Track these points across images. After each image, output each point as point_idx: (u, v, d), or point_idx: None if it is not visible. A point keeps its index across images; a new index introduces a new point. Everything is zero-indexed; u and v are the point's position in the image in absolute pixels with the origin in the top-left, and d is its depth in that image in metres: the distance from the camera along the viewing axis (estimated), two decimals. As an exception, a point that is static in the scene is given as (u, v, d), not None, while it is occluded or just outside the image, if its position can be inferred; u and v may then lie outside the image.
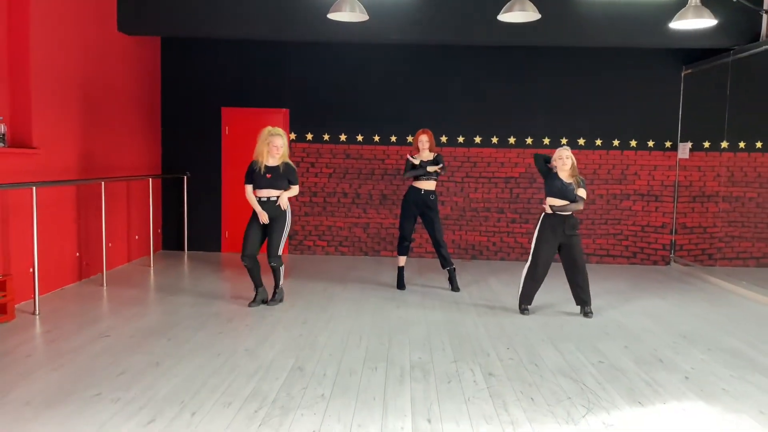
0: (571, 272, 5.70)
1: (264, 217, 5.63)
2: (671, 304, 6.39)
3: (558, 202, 5.58)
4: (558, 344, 4.85)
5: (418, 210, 6.59)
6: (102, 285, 6.55)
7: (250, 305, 5.78)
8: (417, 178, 6.57)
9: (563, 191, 5.58)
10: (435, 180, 6.60)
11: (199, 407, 3.47)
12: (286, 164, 5.70)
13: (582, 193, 5.63)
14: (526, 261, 5.80)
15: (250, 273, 5.79)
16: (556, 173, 5.66)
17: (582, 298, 5.74)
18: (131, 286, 6.60)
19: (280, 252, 5.74)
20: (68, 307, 5.67)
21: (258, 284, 5.84)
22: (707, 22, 5.67)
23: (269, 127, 5.75)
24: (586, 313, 5.74)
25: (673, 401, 3.75)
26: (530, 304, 5.83)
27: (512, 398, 3.71)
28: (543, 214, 5.72)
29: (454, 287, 6.74)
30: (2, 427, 3.18)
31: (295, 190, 5.80)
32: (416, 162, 6.53)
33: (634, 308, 6.15)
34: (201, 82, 8.83)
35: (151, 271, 7.53)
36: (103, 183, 6.54)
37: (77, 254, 6.64)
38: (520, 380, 4.02)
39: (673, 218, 8.75)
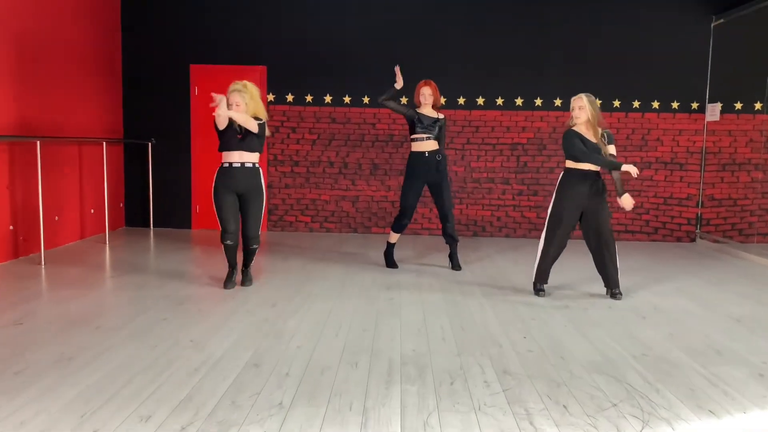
0: (595, 244, 4.74)
1: (222, 107, 4.50)
2: (708, 282, 5.44)
3: (592, 166, 4.61)
4: (586, 332, 3.89)
5: (425, 178, 5.58)
6: (40, 264, 5.55)
7: (226, 287, 4.81)
8: (415, 139, 5.57)
9: (594, 150, 4.60)
10: (436, 139, 5.60)
11: (104, 423, 2.49)
12: (257, 122, 4.70)
13: (613, 150, 4.66)
14: (539, 235, 4.87)
15: (230, 252, 4.83)
16: (578, 131, 4.68)
17: (609, 276, 4.77)
18: (76, 265, 5.60)
19: (259, 231, 4.80)
20: (-12, 289, 4.68)
21: (234, 264, 4.90)
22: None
23: (233, 83, 4.77)
24: (614, 294, 4.78)
25: (754, 408, 2.79)
26: (546, 282, 4.86)
27: (537, 405, 2.75)
28: (563, 173, 4.75)
29: (455, 265, 5.77)
30: None
31: (251, 122, 4.63)
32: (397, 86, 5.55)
33: (666, 288, 5.20)
34: (167, 36, 7.77)
35: (107, 249, 6.54)
36: (38, 143, 5.52)
37: (11, 227, 5.64)
38: (545, 379, 3.06)
39: (699, 189, 7.77)
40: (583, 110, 4.60)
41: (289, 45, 7.77)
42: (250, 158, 4.74)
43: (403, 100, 5.61)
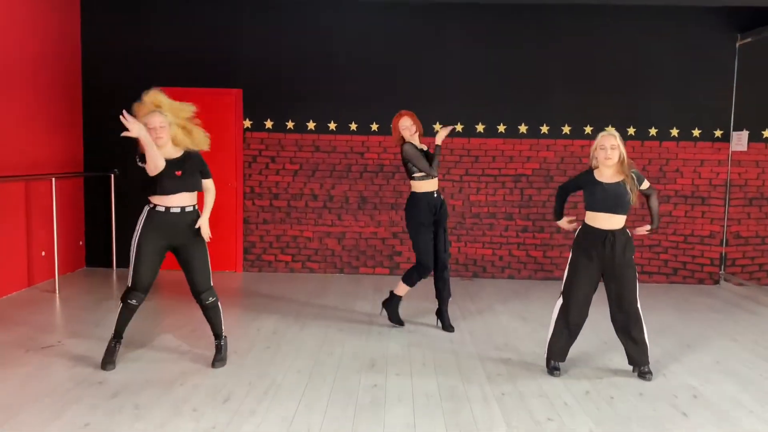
0: (617, 314, 3.97)
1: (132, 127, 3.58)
2: (750, 353, 4.63)
3: (613, 219, 3.86)
4: (618, 443, 3.08)
5: (431, 220, 4.80)
6: (-35, 327, 4.74)
7: (104, 367, 3.87)
8: (424, 177, 4.77)
9: (614, 196, 3.84)
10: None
11: None
12: (187, 153, 3.92)
13: (647, 185, 3.99)
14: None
15: (127, 314, 3.92)
16: (593, 174, 3.93)
17: (635, 352, 3.98)
18: (5, 328, 4.77)
19: (211, 282, 3.99)
20: None
21: (122, 331, 3.97)
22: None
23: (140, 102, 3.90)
24: (643, 373, 3.99)
25: None
26: (563, 360, 4.06)
27: None
28: (578, 230, 4.00)
29: (447, 326, 4.98)
30: None
31: (211, 191, 4.01)
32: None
33: (702, 361, 4.40)
34: (131, 57, 6.98)
35: (56, 300, 5.73)
36: (-38, 186, 4.72)
37: (-68, 284, 4.84)
38: None
39: (723, 226, 6.99)
40: (615, 150, 3.83)
41: (268, 65, 6.97)
42: (191, 200, 3.93)
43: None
